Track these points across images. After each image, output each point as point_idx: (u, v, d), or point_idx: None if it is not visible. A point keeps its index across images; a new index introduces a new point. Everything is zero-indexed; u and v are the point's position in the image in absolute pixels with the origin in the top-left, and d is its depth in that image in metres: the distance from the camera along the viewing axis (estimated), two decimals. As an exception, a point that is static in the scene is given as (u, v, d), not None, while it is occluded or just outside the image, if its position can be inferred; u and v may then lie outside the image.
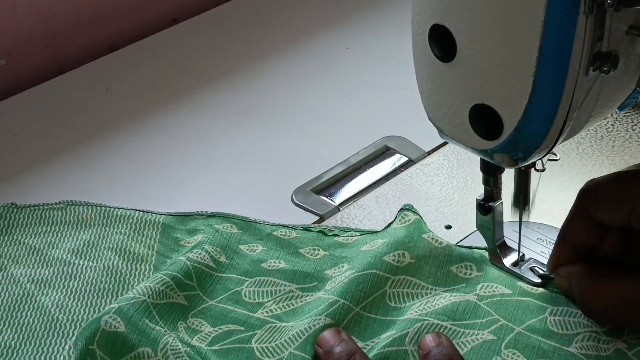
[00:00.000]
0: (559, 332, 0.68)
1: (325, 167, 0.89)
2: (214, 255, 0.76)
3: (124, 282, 0.77)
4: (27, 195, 0.88)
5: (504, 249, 0.74)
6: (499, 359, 0.67)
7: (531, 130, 0.61)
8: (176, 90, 1.02)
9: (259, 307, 0.73)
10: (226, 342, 0.71)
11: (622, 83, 0.62)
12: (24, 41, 1.04)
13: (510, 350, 0.67)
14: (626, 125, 0.89)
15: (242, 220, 0.81)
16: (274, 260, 0.77)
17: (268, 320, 0.72)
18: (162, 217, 0.82)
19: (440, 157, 0.88)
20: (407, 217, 0.77)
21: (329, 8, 1.14)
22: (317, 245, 0.79)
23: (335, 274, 0.75)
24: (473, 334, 0.68)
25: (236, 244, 0.79)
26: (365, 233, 0.79)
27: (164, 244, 0.80)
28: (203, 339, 0.71)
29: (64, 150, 0.94)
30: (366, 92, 1.00)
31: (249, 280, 0.76)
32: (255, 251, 0.78)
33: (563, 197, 0.82)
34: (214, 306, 0.73)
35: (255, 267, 0.77)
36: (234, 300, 0.74)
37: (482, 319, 0.69)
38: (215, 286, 0.75)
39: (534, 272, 0.72)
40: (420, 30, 0.63)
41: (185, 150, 0.93)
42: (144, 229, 0.81)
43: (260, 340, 0.70)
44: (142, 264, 0.78)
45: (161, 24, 1.12)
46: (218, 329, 0.72)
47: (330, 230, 0.80)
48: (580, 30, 0.56)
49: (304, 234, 0.80)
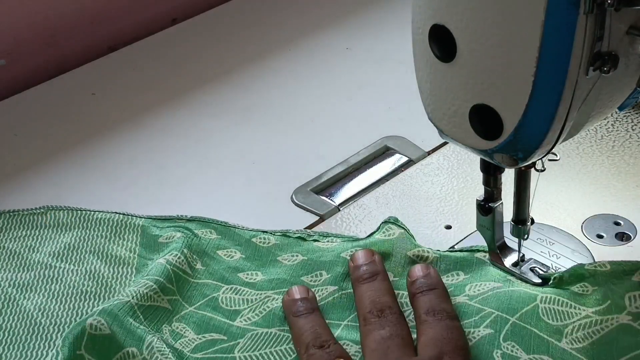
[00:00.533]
0: (550, 322, 0.68)
1: (325, 167, 0.89)
2: (190, 261, 0.77)
3: (106, 285, 0.76)
4: (26, 195, 0.88)
5: (504, 249, 0.74)
6: (499, 352, 0.67)
7: (531, 130, 0.61)
8: (176, 90, 1.02)
9: (237, 315, 0.73)
10: (209, 352, 0.71)
11: (622, 83, 0.62)
12: (24, 41, 1.04)
13: (509, 343, 0.67)
14: (626, 125, 0.89)
15: (222, 225, 0.81)
16: (251, 272, 0.77)
17: (248, 328, 0.72)
18: (142, 220, 0.82)
19: (440, 157, 0.88)
20: (391, 231, 0.77)
21: (329, 8, 1.14)
22: (295, 252, 0.78)
23: (314, 283, 0.75)
24: (470, 333, 0.68)
25: (214, 249, 0.79)
26: (346, 239, 0.79)
27: (144, 246, 0.80)
28: (186, 345, 0.71)
29: (64, 150, 0.94)
30: (366, 92, 1.00)
31: (225, 286, 0.76)
32: (233, 257, 0.78)
33: (563, 197, 0.82)
34: (194, 312, 0.74)
35: (231, 275, 0.77)
36: (212, 306, 0.74)
37: (476, 317, 0.69)
38: (193, 292, 0.75)
39: (534, 273, 0.72)
40: (420, 30, 0.63)
41: (185, 150, 0.93)
42: (124, 232, 0.81)
43: (244, 349, 0.71)
44: (123, 266, 0.78)
45: (161, 24, 1.12)
46: (201, 337, 0.72)
47: (310, 236, 0.80)
48: (580, 30, 0.56)
49: (282, 240, 0.80)
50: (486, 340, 0.68)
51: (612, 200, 0.82)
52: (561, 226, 0.79)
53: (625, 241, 0.78)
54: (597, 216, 0.80)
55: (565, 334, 0.67)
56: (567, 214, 0.80)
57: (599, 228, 0.79)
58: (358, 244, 0.77)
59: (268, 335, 0.71)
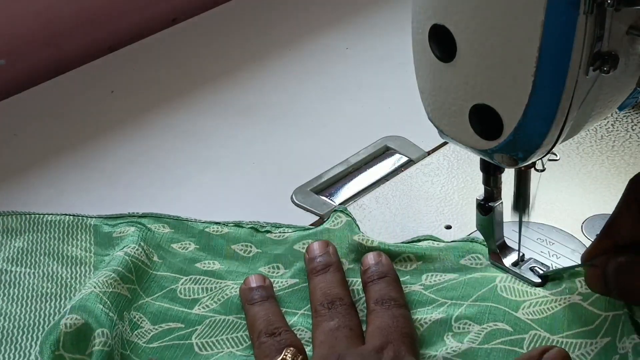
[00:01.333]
0: (508, 296, 0.70)
1: (325, 167, 0.89)
2: (147, 253, 0.77)
3: (66, 285, 0.76)
4: (26, 195, 0.88)
5: (504, 249, 0.74)
6: (450, 334, 0.68)
7: (531, 130, 0.61)
8: (176, 90, 1.02)
9: (195, 303, 0.74)
10: (165, 340, 0.71)
11: (622, 83, 0.62)
12: (24, 41, 1.04)
13: (461, 322, 0.69)
14: (626, 125, 0.89)
15: (174, 219, 0.82)
16: (208, 262, 0.78)
17: (206, 315, 0.73)
18: (93, 219, 0.82)
19: (440, 157, 0.88)
20: (339, 219, 0.78)
21: (329, 8, 1.14)
22: (249, 242, 0.80)
23: (272, 274, 0.76)
24: (422, 319, 0.69)
25: (168, 242, 0.79)
26: (297, 229, 0.80)
27: (99, 244, 0.80)
28: (142, 336, 0.71)
29: (64, 150, 0.94)
30: (366, 92, 1.00)
31: (183, 278, 0.76)
32: (188, 249, 0.79)
33: (563, 197, 0.82)
34: (151, 303, 0.74)
35: (189, 266, 0.78)
36: (170, 298, 0.75)
37: (429, 306, 0.71)
38: (151, 283, 0.76)
39: (534, 272, 0.72)
40: (420, 30, 0.63)
41: (185, 150, 0.93)
42: (77, 233, 0.81)
43: (201, 335, 0.71)
44: (81, 266, 0.78)
45: (161, 24, 1.12)
46: (158, 327, 0.72)
47: (262, 227, 0.81)
48: (580, 30, 0.56)
49: (236, 230, 0.81)
50: (438, 324, 0.69)
51: (612, 200, 0.81)
52: (561, 226, 0.79)
53: (625, 241, 0.78)
54: (597, 216, 0.80)
55: (521, 307, 0.69)
56: (567, 214, 0.80)
57: (599, 228, 0.78)
58: (308, 233, 0.78)
59: (225, 322, 0.72)
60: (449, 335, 0.68)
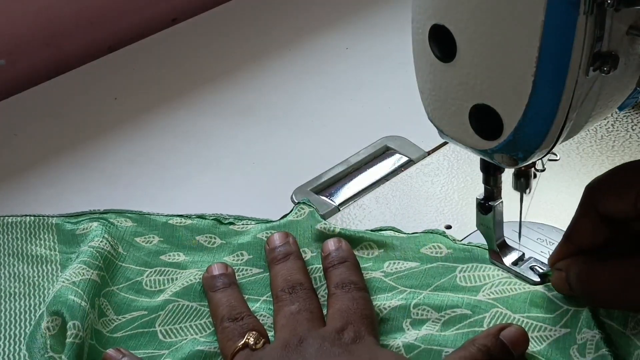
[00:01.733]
0: (467, 285, 0.72)
1: (325, 167, 0.89)
2: (113, 244, 0.78)
3: (34, 284, 0.76)
4: (27, 195, 0.88)
5: (504, 248, 0.74)
6: (409, 320, 0.69)
7: (531, 130, 0.61)
8: (176, 90, 1.02)
9: (160, 294, 0.75)
10: (129, 329, 0.72)
11: (622, 83, 0.62)
12: (24, 41, 1.04)
13: (419, 308, 0.70)
14: (626, 125, 0.89)
15: (136, 214, 0.82)
16: (173, 254, 0.79)
17: (169, 299, 0.74)
18: (55, 219, 0.82)
19: (440, 157, 0.88)
20: (302, 211, 0.80)
21: (329, 8, 1.14)
22: (212, 234, 0.80)
23: (236, 262, 0.77)
24: (382, 305, 0.70)
25: (131, 236, 0.80)
26: (260, 222, 0.81)
27: (62, 242, 0.80)
28: (106, 325, 0.72)
29: (64, 150, 0.94)
30: (366, 92, 1.00)
31: (148, 270, 0.77)
32: (152, 242, 0.80)
33: (563, 197, 0.82)
34: (116, 292, 0.75)
35: (154, 259, 0.78)
36: (135, 290, 0.75)
37: (388, 293, 0.72)
38: (116, 273, 0.76)
39: (534, 271, 0.72)
40: (420, 30, 0.63)
41: (185, 150, 0.93)
42: (40, 233, 0.81)
43: (164, 322, 0.72)
44: (47, 264, 0.78)
45: (161, 24, 1.12)
46: (122, 317, 0.73)
47: (225, 219, 0.81)
48: (580, 30, 0.56)
49: (199, 221, 0.81)
50: (397, 310, 0.70)
51: (612, 200, 0.81)
52: (561, 226, 0.79)
53: (625, 241, 0.78)
54: (597, 216, 0.80)
55: (482, 290, 0.70)
56: (567, 214, 0.80)
57: (599, 228, 0.79)
58: (272, 225, 0.80)
59: (188, 309, 0.73)
60: (407, 322, 0.69)
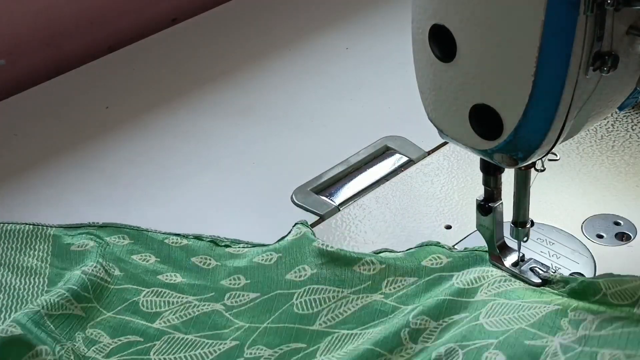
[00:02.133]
0: (465, 287, 0.71)
1: (325, 167, 0.89)
2: (107, 269, 0.77)
3: (17, 296, 0.76)
4: (27, 195, 0.88)
5: (504, 249, 0.74)
6: (407, 330, 0.69)
7: (531, 130, 0.61)
8: (176, 90, 1.02)
9: (157, 317, 0.74)
10: (124, 354, 0.72)
11: (622, 83, 0.62)
12: (24, 41, 1.04)
13: (418, 318, 0.69)
14: (626, 125, 0.89)
15: (134, 230, 0.82)
16: (170, 274, 0.78)
17: (166, 330, 0.73)
18: (53, 229, 0.82)
19: (440, 157, 0.88)
20: (299, 231, 0.79)
21: (329, 8, 1.14)
22: (208, 255, 0.80)
23: (233, 286, 0.77)
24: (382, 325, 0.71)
25: (128, 254, 0.80)
26: (256, 246, 0.80)
27: (56, 255, 0.80)
28: (101, 350, 0.72)
29: (64, 150, 0.94)
30: (366, 92, 1.00)
31: (146, 290, 0.77)
32: (149, 261, 0.79)
33: (563, 197, 0.82)
34: (112, 318, 0.74)
35: (151, 278, 0.78)
36: (132, 310, 0.75)
37: (390, 315, 0.72)
38: (112, 298, 0.76)
39: (534, 273, 0.72)
40: (420, 30, 0.63)
41: (185, 150, 0.93)
42: (35, 243, 0.81)
43: (159, 352, 0.72)
44: (34, 277, 0.78)
45: (161, 24, 1.12)
46: (117, 340, 0.73)
47: (222, 241, 0.81)
48: (580, 30, 0.56)
49: (195, 242, 0.81)
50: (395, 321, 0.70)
51: (612, 200, 0.82)
52: (561, 226, 0.79)
53: (625, 241, 0.78)
54: (597, 216, 0.80)
55: (479, 291, 0.70)
56: (567, 214, 0.80)
57: (599, 228, 0.79)
58: (269, 248, 0.79)
59: (184, 341, 0.73)
60: (406, 332, 0.69)
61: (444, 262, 0.75)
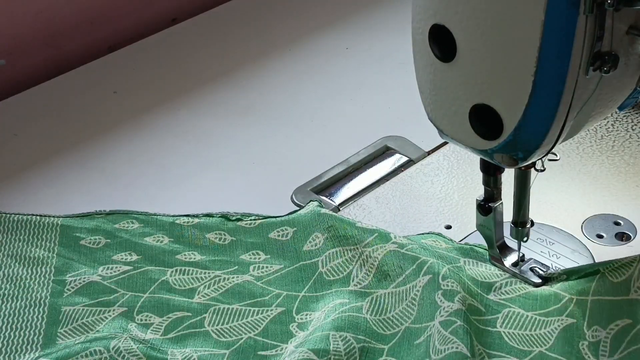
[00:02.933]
0: (478, 279, 0.72)
1: (325, 167, 0.89)
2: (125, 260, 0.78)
3: (23, 286, 0.76)
4: (27, 195, 0.88)
5: (504, 249, 0.74)
6: (440, 292, 0.70)
7: (531, 130, 0.61)
8: (176, 90, 1.02)
9: (194, 293, 0.75)
10: (180, 329, 0.72)
11: (622, 83, 0.62)
12: (24, 41, 1.04)
13: (448, 280, 0.70)
14: (626, 125, 0.89)
15: (143, 215, 0.83)
16: (187, 253, 0.79)
17: (209, 304, 0.74)
18: (60, 219, 0.82)
19: (440, 157, 0.88)
20: (309, 207, 0.81)
21: (329, 8, 1.14)
22: (221, 230, 0.81)
23: (254, 260, 0.78)
24: (410, 283, 0.72)
25: (140, 237, 0.80)
26: (267, 218, 0.81)
27: (64, 245, 0.80)
28: (156, 330, 0.72)
29: (64, 150, 0.94)
30: (366, 92, 1.00)
31: (169, 270, 0.77)
32: (163, 242, 0.80)
33: (563, 197, 0.82)
34: (151, 297, 0.75)
35: (170, 258, 0.78)
36: (166, 289, 0.76)
37: (413, 266, 0.73)
38: (140, 280, 0.76)
39: (534, 272, 0.72)
40: (420, 30, 0.63)
41: (185, 150, 0.93)
42: (43, 233, 0.81)
43: (213, 323, 0.73)
44: (41, 266, 0.78)
45: (161, 24, 1.12)
46: (167, 317, 0.73)
47: (233, 215, 0.82)
48: (580, 30, 0.56)
49: (206, 219, 0.82)
50: (429, 284, 0.71)
51: (612, 200, 0.82)
52: (561, 226, 0.79)
53: (625, 241, 0.78)
54: (597, 216, 0.80)
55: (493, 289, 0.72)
56: (567, 214, 0.80)
57: (599, 228, 0.79)
58: (279, 221, 0.81)
59: (231, 310, 0.74)
60: (440, 294, 0.70)
61: (443, 247, 0.76)
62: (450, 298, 0.69)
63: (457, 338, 0.66)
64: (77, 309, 0.74)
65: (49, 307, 0.74)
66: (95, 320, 0.73)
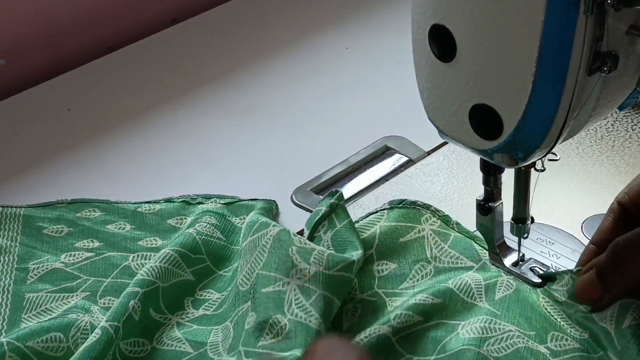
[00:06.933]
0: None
1: (325, 167, 0.89)
2: (88, 247, 0.79)
3: None
4: (27, 195, 0.88)
5: (504, 249, 0.74)
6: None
7: (531, 130, 0.61)
8: (176, 90, 1.02)
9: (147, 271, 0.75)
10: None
11: (622, 83, 0.62)
12: (24, 41, 1.04)
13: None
14: (626, 125, 0.89)
15: (104, 203, 0.83)
16: (150, 239, 0.80)
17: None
18: (23, 209, 0.83)
19: (440, 157, 0.88)
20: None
21: (329, 8, 1.14)
22: (182, 215, 0.82)
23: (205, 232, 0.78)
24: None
25: (103, 224, 0.81)
26: (231, 199, 0.83)
27: (26, 234, 0.81)
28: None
29: (64, 150, 0.94)
30: (366, 92, 1.00)
31: (131, 255, 0.78)
32: (125, 229, 0.81)
33: (563, 197, 0.82)
34: (113, 282, 0.75)
35: (132, 244, 0.79)
36: (128, 274, 0.76)
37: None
38: (101, 267, 0.77)
39: (534, 272, 0.72)
40: (420, 30, 0.63)
41: (185, 150, 0.93)
42: (6, 223, 0.82)
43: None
44: (4, 255, 0.79)
45: (161, 24, 1.12)
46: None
47: (194, 199, 0.83)
48: (580, 30, 0.56)
49: (167, 205, 0.83)
50: None
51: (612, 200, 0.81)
52: (561, 226, 0.79)
53: (625, 241, 0.78)
54: (597, 216, 0.80)
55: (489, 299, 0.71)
56: (567, 214, 0.80)
57: (599, 228, 0.79)
58: (241, 205, 0.82)
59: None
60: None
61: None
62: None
63: None
64: (41, 295, 0.74)
65: (13, 295, 0.75)
66: (58, 305, 0.74)
